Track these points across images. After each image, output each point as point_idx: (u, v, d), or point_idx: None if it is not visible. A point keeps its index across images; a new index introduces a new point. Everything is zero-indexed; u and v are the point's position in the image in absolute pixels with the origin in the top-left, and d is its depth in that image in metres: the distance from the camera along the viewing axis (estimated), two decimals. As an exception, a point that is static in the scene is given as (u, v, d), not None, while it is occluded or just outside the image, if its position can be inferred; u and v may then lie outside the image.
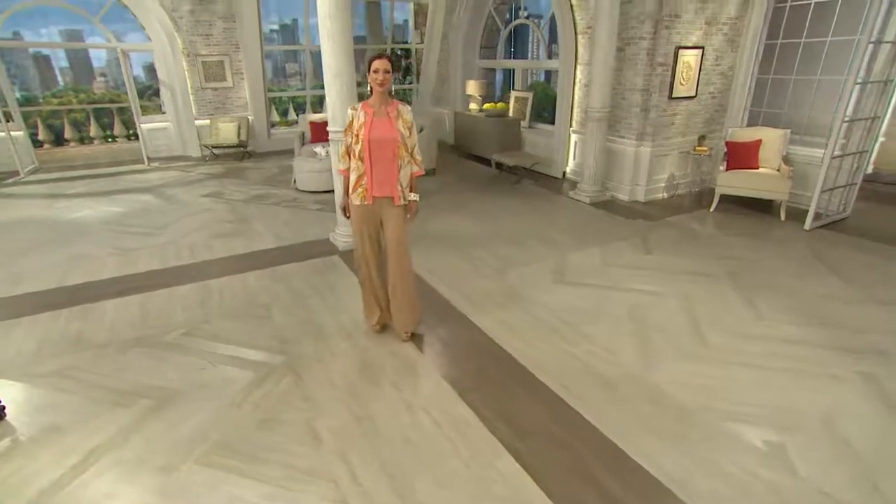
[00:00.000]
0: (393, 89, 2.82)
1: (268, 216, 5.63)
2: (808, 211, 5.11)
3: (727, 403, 2.63)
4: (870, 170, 7.05)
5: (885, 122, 6.82)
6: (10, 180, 7.26)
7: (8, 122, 7.36)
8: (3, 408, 2.49)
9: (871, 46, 4.48)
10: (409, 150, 2.91)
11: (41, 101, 12.30)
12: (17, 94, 9.09)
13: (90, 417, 2.50)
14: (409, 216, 2.98)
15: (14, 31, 10.15)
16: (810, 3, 5.47)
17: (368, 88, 2.86)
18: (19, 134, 7.71)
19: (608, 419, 2.51)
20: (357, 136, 2.80)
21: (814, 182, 5.04)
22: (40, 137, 9.18)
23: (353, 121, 2.84)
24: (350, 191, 2.92)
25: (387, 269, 3.08)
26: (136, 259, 4.46)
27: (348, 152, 2.90)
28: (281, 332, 3.29)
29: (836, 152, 4.84)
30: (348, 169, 2.91)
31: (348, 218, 3.05)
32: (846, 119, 4.70)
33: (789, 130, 5.64)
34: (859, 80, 4.57)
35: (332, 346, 3.14)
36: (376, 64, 2.70)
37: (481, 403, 2.63)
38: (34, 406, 2.61)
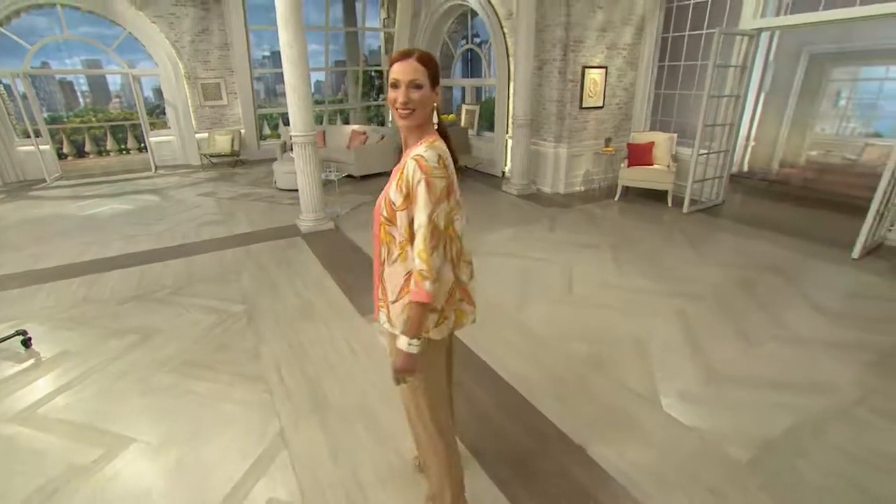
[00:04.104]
0: (437, 118, 1.42)
1: (249, 209, 6.16)
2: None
3: (571, 331, 3.19)
4: (745, 168, 7.74)
5: (754, 128, 7.53)
6: (39, 186, 7.74)
7: (37, 137, 7.84)
8: (30, 339, 3.03)
9: (717, 70, 5.11)
10: (405, 234, 1.35)
11: (65, 120, 12.72)
12: (45, 115, 9.55)
13: (91, 346, 3.04)
14: (393, 368, 1.36)
15: (42, 62, 10.61)
16: (685, 35, 6.10)
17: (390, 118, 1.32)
18: (46, 147, 8.17)
19: (477, 341, 3.07)
20: None
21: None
22: (65, 151, 9.65)
23: None
24: None
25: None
26: (137, 243, 4.97)
27: None
28: (245, 291, 3.83)
29: (702, 151, 5.44)
30: None
31: None
32: (707, 124, 5.31)
33: (676, 134, 6.25)
34: (712, 94, 5.19)
35: (283, 300, 3.68)
36: (396, 70, 1.30)
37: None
38: (51, 339, 3.14)
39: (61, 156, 9.40)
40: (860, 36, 7.42)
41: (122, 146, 10.19)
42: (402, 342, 1.32)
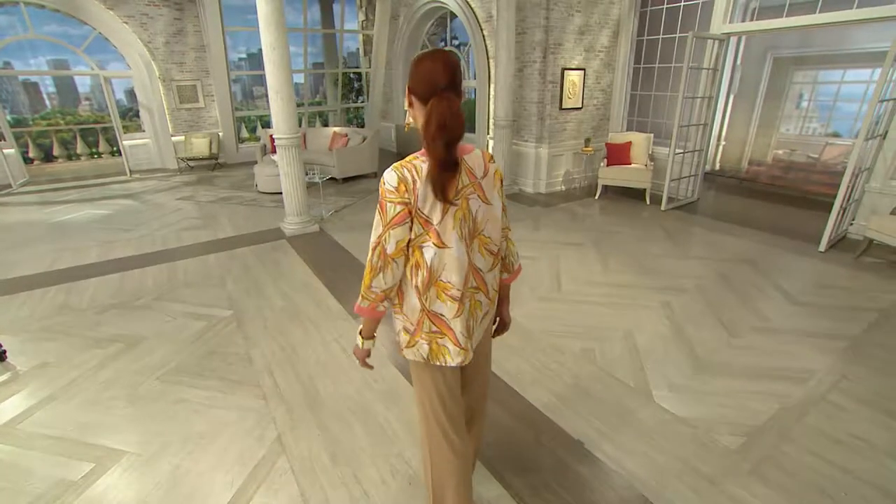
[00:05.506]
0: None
1: (231, 213, 6.00)
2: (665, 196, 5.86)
3: (562, 327, 3.22)
4: (717, 167, 7.99)
5: (724, 129, 7.78)
6: (3, 192, 7.37)
7: (0, 141, 7.46)
8: (5, 351, 2.87)
9: (690, 71, 5.25)
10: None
11: (31, 122, 12.15)
12: (8, 117, 9.09)
13: (72, 357, 2.91)
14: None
15: (5, 62, 10.11)
16: (659, 39, 6.25)
17: None
18: (11, 151, 7.79)
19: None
20: None
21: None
22: (31, 155, 9.21)
23: None
24: None
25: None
26: (115, 249, 4.78)
27: None
28: (231, 295, 3.73)
29: (678, 150, 5.59)
30: None
31: None
32: (682, 125, 5.45)
33: (653, 134, 6.39)
34: (686, 95, 5.33)
35: (270, 303, 3.60)
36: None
37: (380, 339, 3.13)
38: (28, 351, 2.98)
39: (27, 160, 8.97)
40: (818, 42, 7.76)
41: (94, 150, 9.79)
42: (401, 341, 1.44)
